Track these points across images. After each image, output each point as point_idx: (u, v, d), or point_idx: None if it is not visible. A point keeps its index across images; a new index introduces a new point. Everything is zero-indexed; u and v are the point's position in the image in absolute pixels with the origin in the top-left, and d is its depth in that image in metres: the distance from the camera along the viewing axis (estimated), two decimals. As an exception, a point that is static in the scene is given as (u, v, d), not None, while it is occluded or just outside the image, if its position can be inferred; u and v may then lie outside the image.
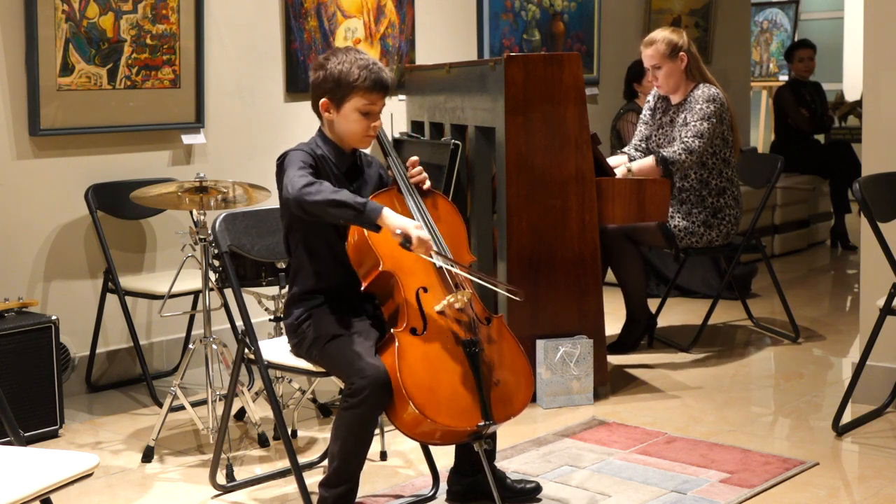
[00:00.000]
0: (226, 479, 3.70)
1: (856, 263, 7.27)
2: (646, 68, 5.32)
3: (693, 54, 5.17)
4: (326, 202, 3.03)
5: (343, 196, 3.04)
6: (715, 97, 5.07)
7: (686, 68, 5.16)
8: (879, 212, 4.04)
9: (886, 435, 4.12)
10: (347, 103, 3.27)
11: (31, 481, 2.32)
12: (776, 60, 10.86)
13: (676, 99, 5.23)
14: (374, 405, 3.06)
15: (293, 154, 3.22)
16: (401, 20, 6.02)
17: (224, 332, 4.82)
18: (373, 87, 3.25)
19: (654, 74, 5.20)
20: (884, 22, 4.42)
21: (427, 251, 3.11)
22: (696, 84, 5.17)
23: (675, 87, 5.20)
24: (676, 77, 5.17)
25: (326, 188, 3.06)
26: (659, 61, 5.15)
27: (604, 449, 3.98)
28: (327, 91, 3.28)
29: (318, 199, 3.02)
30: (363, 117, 3.28)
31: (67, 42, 4.66)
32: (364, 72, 3.24)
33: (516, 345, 3.33)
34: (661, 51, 5.14)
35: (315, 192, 3.03)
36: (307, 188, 3.04)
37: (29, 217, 4.66)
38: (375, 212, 3.05)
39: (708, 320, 5.50)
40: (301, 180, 3.06)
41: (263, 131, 5.45)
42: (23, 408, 4.06)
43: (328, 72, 3.27)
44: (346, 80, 3.25)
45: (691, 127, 5.01)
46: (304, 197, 3.03)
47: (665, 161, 4.95)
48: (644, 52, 5.21)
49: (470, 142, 4.81)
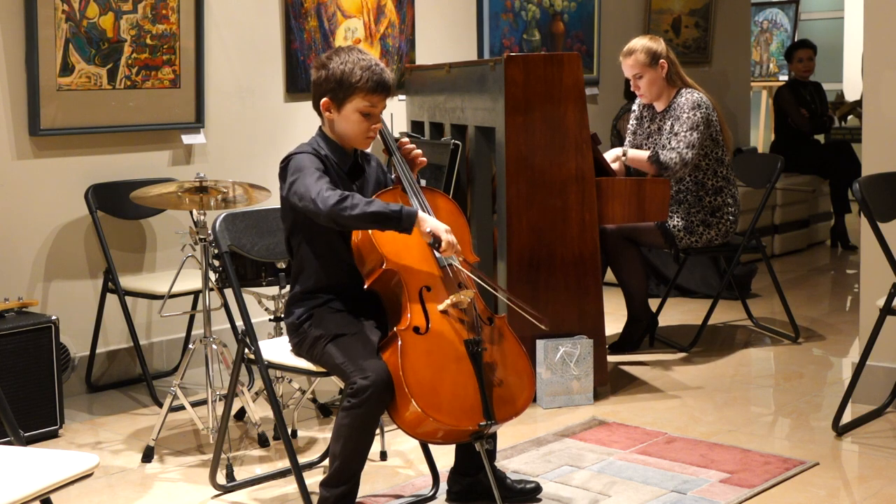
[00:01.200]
0: (226, 479, 3.70)
1: (856, 263, 7.27)
2: (626, 78, 5.34)
3: (672, 60, 5.20)
4: (364, 217, 3.06)
5: (378, 207, 3.07)
6: (699, 103, 5.09)
7: (667, 75, 5.18)
8: (879, 212, 4.04)
9: (886, 435, 4.12)
10: (348, 104, 3.27)
11: (31, 481, 2.32)
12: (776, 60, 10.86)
13: (661, 106, 5.26)
14: (375, 405, 3.06)
15: (302, 158, 3.21)
16: (401, 20, 6.02)
17: (224, 332, 4.82)
18: (374, 88, 3.25)
19: (635, 84, 5.23)
20: (884, 22, 4.42)
21: (456, 254, 3.15)
22: (678, 90, 5.20)
23: (658, 95, 5.23)
24: (658, 85, 5.20)
25: (359, 201, 3.07)
26: (640, 70, 5.17)
27: (604, 449, 3.98)
28: (328, 91, 3.28)
29: (354, 215, 3.05)
30: (364, 118, 3.27)
31: (67, 42, 4.66)
32: (366, 73, 3.24)
33: (518, 345, 3.33)
34: (640, 60, 5.16)
35: (350, 208, 3.05)
36: (341, 204, 3.05)
37: (29, 217, 4.66)
38: (412, 218, 3.09)
39: (708, 320, 5.50)
40: (330, 195, 3.07)
41: (263, 131, 5.45)
42: (23, 408, 4.06)
43: (330, 71, 3.27)
44: (348, 80, 3.24)
45: (682, 137, 5.04)
46: (341, 213, 3.05)
47: (658, 162, 5.00)
48: (624, 62, 5.23)
49: (470, 142, 4.81)
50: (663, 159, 5.00)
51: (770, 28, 10.95)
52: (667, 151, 5.05)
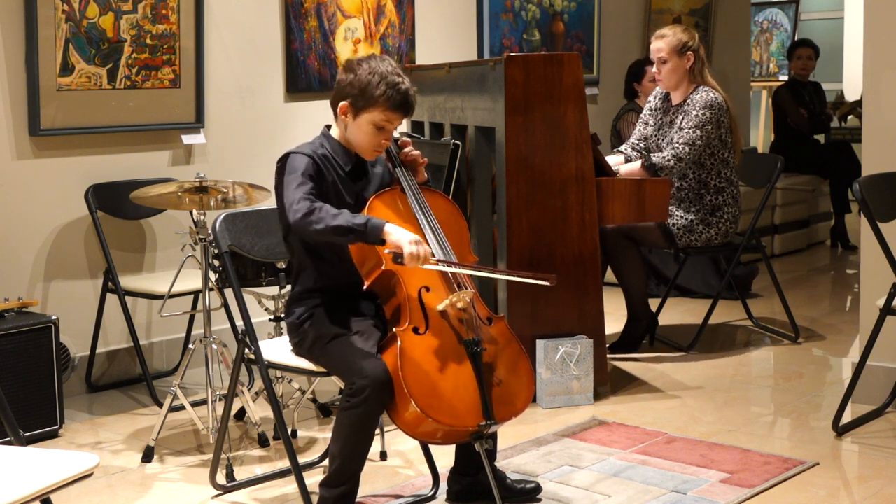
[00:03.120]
0: (226, 479, 3.70)
1: (856, 263, 7.27)
2: (651, 60, 5.35)
3: (700, 57, 5.22)
4: (328, 231, 3.06)
5: (343, 220, 3.06)
6: (713, 103, 5.10)
7: (690, 68, 5.18)
8: (879, 212, 4.04)
9: (886, 435, 4.12)
10: (365, 114, 3.24)
11: (31, 481, 2.32)
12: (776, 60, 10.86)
13: (677, 99, 5.26)
14: (374, 405, 3.06)
15: (295, 160, 3.21)
16: (401, 20, 6.02)
17: (224, 332, 4.82)
18: (395, 106, 3.23)
19: (658, 67, 5.24)
20: (884, 22, 4.42)
21: (424, 263, 3.09)
22: (696, 87, 5.20)
23: (676, 85, 5.23)
24: (679, 74, 5.21)
25: (326, 215, 3.06)
26: (667, 55, 5.20)
27: (604, 449, 3.98)
28: (350, 96, 3.26)
29: (319, 229, 3.06)
30: (377, 131, 3.26)
31: (67, 42, 4.66)
32: (391, 90, 3.21)
33: (518, 345, 3.33)
34: (671, 44, 5.19)
35: (316, 221, 3.05)
36: (307, 217, 3.06)
37: (29, 217, 4.66)
38: (377, 230, 3.07)
39: (708, 320, 5.50)
40: (300, 206, 3.07)
41: (263, 131, 5.45)
42: (23, 408, 4.06)
43: (357, 77, 3.24)
44: (371, 92, 3.21)
45: (684, 134, 5.06)
46: (307, 227, 3.07)
47: (653, 167, 5.03)
48: (654, 43, 5.26)
49: (470, 142, 4.81)
50: (656, 161, 5.03)
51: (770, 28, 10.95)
52: (662, 151, 5.06)
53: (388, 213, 3.26)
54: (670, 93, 5.32)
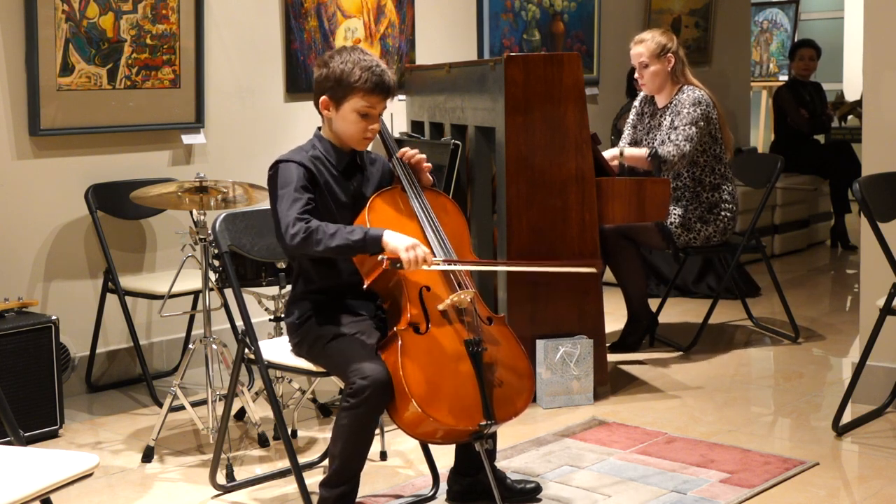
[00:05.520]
0: (226, 479, 3.70)
1: (856, 263, 7.26)
2: (632, 66, 5.38)
3: (680, 58, 5.25)
4: (328, 252, 3.09)
5: (341, 240, 3.07)
6: (700, 99, 5.13)
7: (672, 70, 5.20)
8: (879, 212, 4.04)
9: (886, 435, 4.12)
10: (346, 103, 3.26)
11: (31, 481, 2.32)
12: (776, 60, 10.86)
13: (662, 101, 5.30)
14: (374, 405, 3.06)
15: (285, 171, 3.21)
16: (401, 20, 6.02)
17: (224, 332, 4.82)
18: (373, 89, 3.25)
19: (640, 72, 5.27)
20: (884, 22, 4.42)
21: (424, 264, 3.10)
22: (680, 87, 5.23)
23: (660, 88, 5.27)
24: (662, 77, 5.24)
25: (324, 236, 3.08)
26: (647, 59, 5.23)
27: (604, 449, 3.98)
28: (328, 89, 3.28)
29: (318, 251, 3.09)
30: (361, 119, 3.27)
31: (67, 42, 4.66)
32: (366, 73, 3.23)
33: (518, 345, 3.33)
34: (650, 49, 5.22)
35: (315, 244, 3.08)
36: (304, 243, 3.08)
37: (29, 217, 4.66)
38: (377, 241, 3.08)
39: (708, 320, 5.50)
40: (296, 230, 3.08)
41: (263, 131, 5.45)
42: (23, 408, 4.06)
43: (330, 70, 3.27)
44: (347, 80, 3.24)
45: (681, 131, 5.08)
46: (304, 252, 3.12)
47: (658, 158, 5.03)
48: (634, 48, 5.29)
49: (470, 142, 4.81)
50: (662, 153, 5.03)
51: (770, 28, 10.95)
52: (665, 146, 5.07)
53: (389, 211, 3.26)
54: (654, 96, 5.34)
